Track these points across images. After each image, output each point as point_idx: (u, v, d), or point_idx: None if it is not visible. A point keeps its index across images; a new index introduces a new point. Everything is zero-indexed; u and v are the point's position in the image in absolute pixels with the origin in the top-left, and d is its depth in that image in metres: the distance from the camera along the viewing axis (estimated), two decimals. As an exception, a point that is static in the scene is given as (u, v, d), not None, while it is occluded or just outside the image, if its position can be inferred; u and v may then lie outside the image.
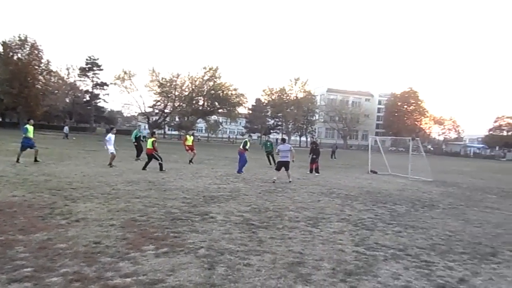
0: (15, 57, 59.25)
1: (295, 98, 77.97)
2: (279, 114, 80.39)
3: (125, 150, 22.77)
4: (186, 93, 70.90)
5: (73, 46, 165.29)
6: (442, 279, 4.64)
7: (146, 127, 76.08)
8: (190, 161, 18.99)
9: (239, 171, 15.87)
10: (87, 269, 4.15)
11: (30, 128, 14.96)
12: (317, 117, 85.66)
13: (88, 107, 76.64)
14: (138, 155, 19.19)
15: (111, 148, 15.57)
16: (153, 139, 15.66)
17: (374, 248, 5.79)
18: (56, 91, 66.35)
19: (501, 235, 7.31)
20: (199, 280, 4.05)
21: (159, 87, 69.36)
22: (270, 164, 20.88)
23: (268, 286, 4.04)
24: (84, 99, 77.46)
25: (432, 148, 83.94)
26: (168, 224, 6.42)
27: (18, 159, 14.14)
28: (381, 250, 5.70)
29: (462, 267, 5.18)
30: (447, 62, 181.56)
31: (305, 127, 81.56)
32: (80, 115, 76.24)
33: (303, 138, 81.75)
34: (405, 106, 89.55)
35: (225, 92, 70.67)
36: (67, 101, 70.97)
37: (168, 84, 69.42)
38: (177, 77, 69.98)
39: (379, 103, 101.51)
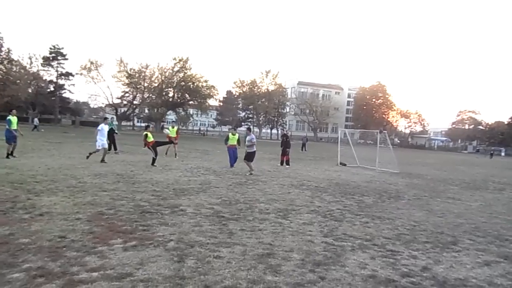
0: (-30, 45, 56.34)
1: (266, 90, 78.26)
2: (250, 107, 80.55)
3: (91, 142, 22.13)
4: (156, 85, 69.84)
5: (36, 35, 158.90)
6: (406, 267, 4.80)
7: (115, 118, 74.30)
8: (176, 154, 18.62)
9: (232, 165, 15.37)
10: (52, 264, 4.03)
11: (14, 119, 14.04)
12: (288, 110, 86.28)
13: (53, 98, 73.77)
14: (115, 148, 18.74)
15: (102, 140, 14.53)
16: (146, 132, 15.07)
17: (342, 239, 5.91)
18: (18, 81, 63.48)
19: (462, 225, 7.63)
20: (168, 273, 4.02)
21: (127, 78, 67.91)
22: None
23: (238, 277, 4.05)
24: (48, 90, 74.49)
25: (398, 141, 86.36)
26: (137, 217, 6.31)
27: (8, 153, 13.29)
28: (349, 241, 5.83)
29: (425, 255, 5.37)
30: (414, 57, 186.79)
31: (276, 119, 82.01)
32: (44, 106, 73.22)
33: (274, 131, 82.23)
34: (374, 100, 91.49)
35: (195, 84, 70.11)
36: (30, 91, 67.93)
37: (137, 75, 68.15)
38: (146, 68, 68.82)
39: (349, 96, 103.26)
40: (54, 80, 73.72)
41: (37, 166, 11.72)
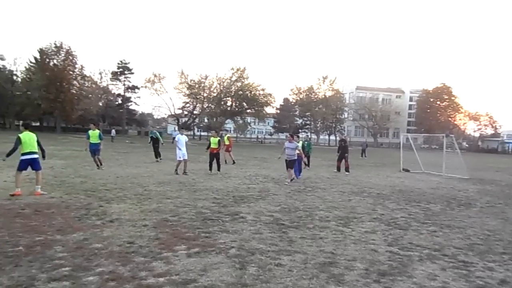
0: (51, 63, 61.81)
1: (323, 96, 77.24)
2: (307, 113, 79.91)
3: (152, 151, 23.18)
4: (215, 94, 71.70)
5: (105, 51, 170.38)
6: (481, 280, 4.46)
7: (176, 128, 77.37)
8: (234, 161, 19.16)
9: (298, 175, 14.15)
10: (122, 269, 4.24)
11: (92, 133, 14.33)
12: (346, 115, 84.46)
13: (120, 110, 78.69)
14: (158, 156, 19.41)
15: (182, 151, 14.19)
16: (218, 138, 15.14)
17: (409, 248, 5.64)
18: (90, 95, 68.52)
19: (544, 235, 6.96)
20: (230, 280, 4.07)
21: (188, 89, 70.53)
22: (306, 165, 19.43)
23: (300, 286, 4.00)
24: (116, 102, 79.61)
25: (467, 145, 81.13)
26: (199, 224, 6.48)
27: (98, 164, 14.16)
28: (416, 250, 5.55)
29: (503, 267, 4.96)
30: (481, 56, 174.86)
31: (334, 125, 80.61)
32: (112, 118, 78.32)
33: (332, 137, 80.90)
34: (438, 102, 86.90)
35: (252, 93, 70.99)
36: (100, 104, 73.07)
37: (197, 85, 70.47)
38: (205, 79, 70.94)
39: (411, 99, 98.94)
40: (122, 93, 78.73)
41: (107, 175, 12.49)
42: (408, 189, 12.81)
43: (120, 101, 79.50)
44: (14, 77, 67.44)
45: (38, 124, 75.06)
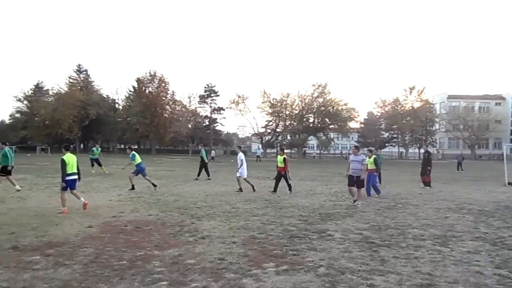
0: (146, 91, 67.66)
1: (410, 108, 73.18)
2: (394, 126, 76.25)
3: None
4: (297, 112, 72.13)
5: (193, 76, 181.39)
6: None
7: (260, 146, 79.11)
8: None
9: (369, 193, 13.32)
10: (214, 285, 4.40)
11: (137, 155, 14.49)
12: (437, 127, 78.92)
13: (207, 131, 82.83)
14: (203, 173, 19.35)
15: (242, 169, 14.11)
16: (284, 156, 13.96)
17: (521, 272, 5.03)
18: (180, 118, 73.31)
19: None
20: (320, 300, 3.98)
21: (270, 107, 71.97)
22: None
23: (395, 310, 3.78)
24: (204, 124, 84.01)
25: None
26: (286, 242, 6.49)
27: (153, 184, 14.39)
28: (530, 275, 4.93)
29: None
30: None
31: (424, 138, 75.75)
32: (200, 139, 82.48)
33: (422, 150, 76.06)
34: (548, 107, 77.35)
35: (335, 108, 70.10)
36: (190, 126, 77.74)
37: (279, 104, 71.63)
38: (287, 97, 71.86)
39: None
40: (209, 115, 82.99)
41: (197, 193, 13.13)
42: (516, 205, 11.49)
43: (207, 123, 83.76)
44: (116, 105, 74.92)
45: (136, 146, 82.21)
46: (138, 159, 14.24)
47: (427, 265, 5.29)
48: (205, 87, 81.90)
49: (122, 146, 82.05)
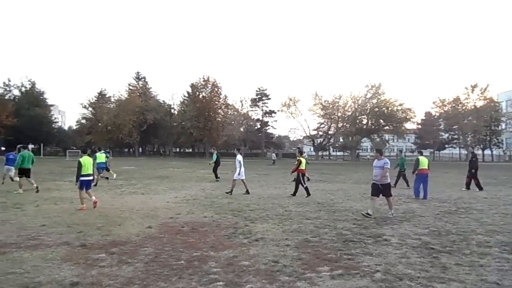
0: (200, 96, 69.60)
1: (473, 107, 68.93)
2: (454, 127, 72.24)
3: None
4: (349, 113, 70.78)
5: (245, 80, 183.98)
6: None
7: (311, 149, 78.44)
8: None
9: (417, 193, 13.42)
10: (269, 287, 4.45)
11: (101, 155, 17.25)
12: (503, 127, 73.65)
13: (259, 134, 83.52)
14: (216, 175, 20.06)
15: (241, 172, 13.96)
16: (301, 158, 13.60)
17: None
18: (233, 122, 74.66)
19: None
20: (377, 306, 3.89)
21: (322, 109, 71.21)
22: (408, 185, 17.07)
23: (457, 320, 3.61)
24: (256, 127, 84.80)
25: None
26: (341, 246, 6.40)
27: None
28: None
29: None
30: None
31: (488, 138, 71.06)
32: (252, 142, 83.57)
33: (487, 151, 71.38)
34: None
35: (390, 109, 67.90)
36: (242, 130, 78.88)
37: (331, 106, 70.71)
38: (339, 98, 70.77)
39: None
40: (260, 118, 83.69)
41: (250, 196, 13.28)
42: None
43: (258, 126, 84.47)
44: (172, 110, 77.78)
45: (190, 150, 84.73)
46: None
47: (494, 273, 4.99)
48: (256, 91, 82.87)
49: (177, 150, 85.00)
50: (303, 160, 13.67)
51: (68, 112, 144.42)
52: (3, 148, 62.31)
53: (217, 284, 4.51)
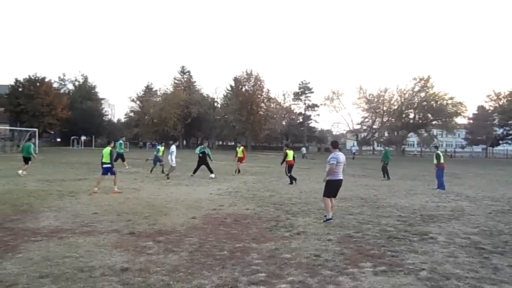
0: (243, 89, 70.06)
1: (533, 100, 64.61)
2: (510, 122, 68.10)
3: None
4: (395, 107, 68.73)
5: (288, 73, 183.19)
6: None
7: (355, 143, 76.92)
8: (237, 171, 19.06)
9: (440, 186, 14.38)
10: (310, 280, 4.46)
11: (161, 148, 18.89)
12: None
13: (301, 128, 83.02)
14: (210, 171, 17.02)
15: (173, 160, 16.48)
16: (287, 151, 16.13)
17: None
18: (275, 116, 74.53)
19: None
20: (422, 305, 3.81)
21: (366, 103, 69.61)
22: (384, 177, 18.18)
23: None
24: (298, 121, 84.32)
25: None
26: (384, 242, 6.28)
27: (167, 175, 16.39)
28: None
29: None
30: None
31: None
32: (295, 136, 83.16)
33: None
34: None
35: (439, 102, 65.18)
36: (284, 124, 78.68)
37: (376, 99, 68.92)
38: (384, 92, 68.86)
39: None
40: (303, 112, 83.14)
41: (292, 189, 13.29)
42: None
43: (301, 120, 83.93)
44: (215, 104, 79.01)
45: (233, 143, 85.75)
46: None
47: (551, 278, 4.71)
48: (299, 84, 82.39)
49: (221, 143, 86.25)
50: (290, 152, 15.88)
51: (118, 106, 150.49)
52: (58, 140, 66.02)
53: (259, 275, 4.59)
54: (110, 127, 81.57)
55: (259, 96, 71.14)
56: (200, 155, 16.94)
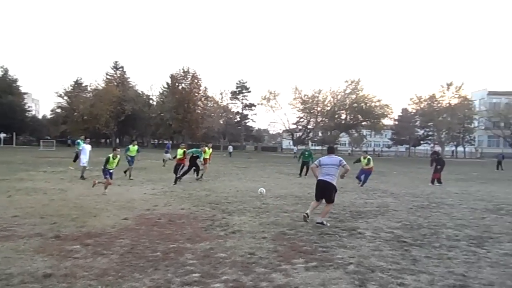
0: (180, 87, 68.81)
1: (448, 105, 70.61)
2: (429, 124, 73.95)
3: (272, 167, 23.89)
4: (328, 108, 71.45)
5: (225, 72, 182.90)
6: None
7: (291, 143, 78.93)
8: (201, 176, 16.44)
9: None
10: (244, 278, 4.49)
11: (133, 148, 16.23)
12: (476, 124, 75.87)
13: (239, 127, 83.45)
14: (197, 173, 16.58)
15: (84, 159, 15.64)
16: (179, 149, 15.62)
17: None
18: (212, 114, 74.23)
19: None
20: (349, 297, 4.00)
21: (301, 104, 71.63)
22: (300, 175, 19.03)
23: (425, 310, 3.74)
24: (235, 120, 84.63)
25: None
26: (316, 239, 6.50)
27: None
28: None
29: None
30: None
31: (461, 136, 73.07)
32: (232, 135, 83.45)
33: (460, 148, 73.56)
34: None
35: (368, 104, 68.88)
36: (221, 122, 78.58)
37: (311, 100, 71.17)
38: (319, 93, 71.30)
39: None
40: (240, 111, 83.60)
41: (228, 188, 13.31)
42: (560, 207, 10.97)
43: (238, 119, 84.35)
44: (150, 101, 76.76)
45: (170, 142, 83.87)
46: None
47: (461, 266, 5.18)
48: (237, 83, 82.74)
49: (156, 141, 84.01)
50: (180, 151, 15.40)
51: (42, 101, 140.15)
52: None
53: (193, 275, 4.53)
54: (34, 124, 75.99)
55: (196, 94, 70.36)
56: (194, 155, 16.34)
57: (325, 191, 8.00)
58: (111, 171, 11.64)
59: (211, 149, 18.40)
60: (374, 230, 7.31)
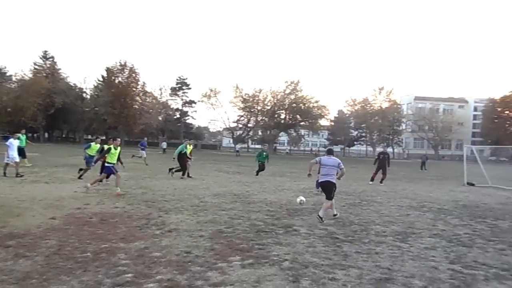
0: (116, 81, 65.88)
1: (379, 108, 75.08)
2: (362, 125, 78.03)
3: (210, 165, 23.73)
4: (268, 107, 72.54)
5: (165, 68, 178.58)
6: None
7: (231, 141, 79.05)
8: (188, 175, 16.61)
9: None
10: (180, 277, 4.42)
11: (94, 146, 14.53)
12: (404, 127, 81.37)
13: (178, 124, 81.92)
14: (183, 172, 16.63)
15: (12, 155, 14.26)
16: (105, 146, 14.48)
17: (473, 267, 5.33)
18: (151, 110, 72.01)
19: None
20: (284, 293, 4.08)
21: (242, 102, 72.03)
22: (257, 174, 19.03)
23: (354, 302, 3.93)
24: (175, 117, 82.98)
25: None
26: (253, 236, 6.57)
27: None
28: (481, 269, 5.23)
29: None
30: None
31: (391, 137, 77.92)
32: (171, 132, 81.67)
33: (390, 149, 78.30)
34: (507, 112, 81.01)
35: (306, 105, 70.93)
36: (160, 119, 76.61)
37: (251, 99, 71.81)
38: (259, 92, 72.14)
39: (475, 109, 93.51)
40: (180, 108, 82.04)
41: (166, 186, 13.01)
42: (473, 204, 12.07)
43: (178, 116, 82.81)
44: (84, 95, 72.66)
45: (104, 138, 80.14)
46: None
47: (387, 260, 5.51)
48: (176, 80, 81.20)
49: (89, 137, 79.85)
50: (95, 146, 14.38)
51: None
52: None
53: (125, 276, 4.37)
54: None
55: (134, 89, 67.80)
56: (182, 153, 16.37)
57: (326, 190, 8.67)
58: (112, 165, 11.15)
59: (192, 146, 18.16)
60: (309, 227, 7.54)
